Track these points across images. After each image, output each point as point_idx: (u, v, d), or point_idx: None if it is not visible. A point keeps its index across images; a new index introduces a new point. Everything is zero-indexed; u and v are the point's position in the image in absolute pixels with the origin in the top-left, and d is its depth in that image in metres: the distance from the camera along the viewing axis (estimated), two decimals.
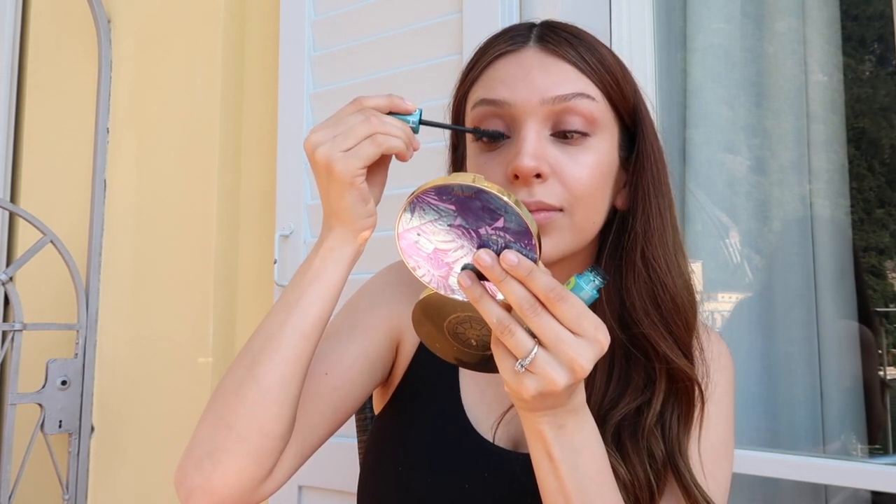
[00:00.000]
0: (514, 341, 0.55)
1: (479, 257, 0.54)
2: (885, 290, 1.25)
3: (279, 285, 1.44)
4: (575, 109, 0.69)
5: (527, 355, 0.55)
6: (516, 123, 0.70)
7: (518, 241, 0.55)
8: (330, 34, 1.45)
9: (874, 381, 1.19)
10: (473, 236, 0.56)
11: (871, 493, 1.15)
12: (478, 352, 0.64)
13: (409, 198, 0.56)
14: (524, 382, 0.55)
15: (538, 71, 0.70)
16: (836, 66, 1.22)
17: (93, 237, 1.74)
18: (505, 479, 0.73)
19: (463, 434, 0.75)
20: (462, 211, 0.55)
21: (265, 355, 0.66)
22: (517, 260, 0.54)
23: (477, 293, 0.56)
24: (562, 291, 0.54)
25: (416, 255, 0.58)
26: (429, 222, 0.57)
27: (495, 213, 0.54)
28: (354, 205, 0.66)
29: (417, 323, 0.64)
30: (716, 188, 1.27)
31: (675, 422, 0.71)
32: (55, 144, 1.92)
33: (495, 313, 0.55)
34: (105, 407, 1.69)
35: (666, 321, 0.71)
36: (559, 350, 0.54)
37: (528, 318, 0.54)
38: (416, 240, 0.58)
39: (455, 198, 0.55)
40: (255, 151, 1.60)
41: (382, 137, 0.65)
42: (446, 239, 0.57)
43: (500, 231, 0.55)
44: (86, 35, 1.84)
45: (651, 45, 1.26)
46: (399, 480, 0.75)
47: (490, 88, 0.71)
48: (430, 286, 0.59)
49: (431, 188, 0.55)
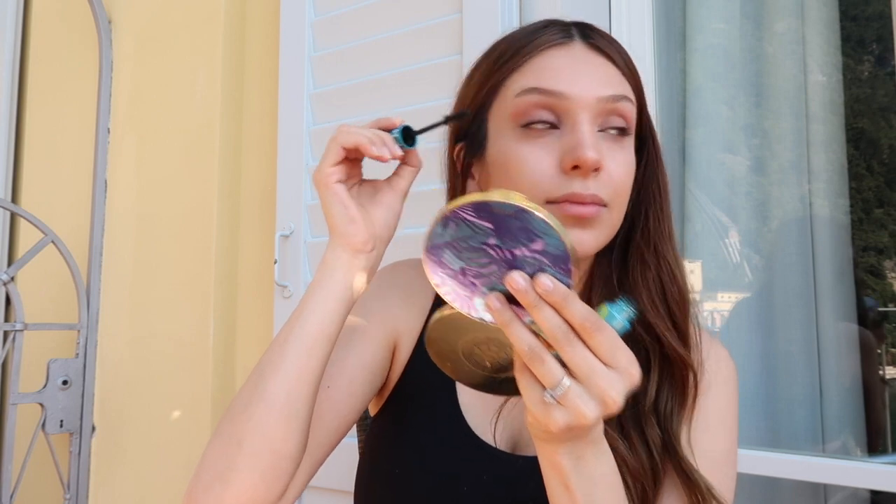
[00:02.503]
0: (545, 371, 0.52)
1: (512, 279, 0.52)
2: (885, 290, 1.25)
3: (279, 285, 1.44)
4: (619, 110, 0.71)
5: (557, 386, 0.52)
6: (570, 116, 0.69)
7: (554, 265, 0.52)
8: (330, 35, 1.45)
9: (873, 380, 1.19)
10: (507, 257, 0.53)
11: (871, 493, 1.16)
12: (491, 374, 0.62)
13: (443, 211, 0.53)
14: (552, 415, 0.52)
15: (590, 68, 0.71)
16: (836, 66, 1.22)
17: (93, 237, 1.74)
18: (503, 482, 0.73)
19: (460, 436, 0.75)
20: (499, 230, 0.52)
21: (269, 372, 0.66)
22: (553, 285, 0.51)
23: (507, 317, 0.53)
24: (598, 321, 0.52)
25: (442, 272, 0.56)
26: (461, 238, 0.53)
27: (535, 234, 0.51)
28: (333, 207, 0.67)
29: (431, 341, 0.62)
30: (715, 188, 1.27)
31: (671, 409, 0.72)
32: (56, 144, 1.93)
33: (526, 340, 0.52)
34: (106, 407, 1.69)
35: (671, 312, 0.74)
36: (591, 382, 0.52)
37: (561, 348, 0.52)
38: (445, 256, 0.55)
39: (494, 215, 0.52)
40: (255, 151, 1.61)
41: (343, 135, 0.66)
42: (477, 257, 0.54)
43: (536, 253, 0.52)
44: (86, 35, 1.84)
45: (651, 46, 1.26)
46: (396, 483, 0.75)
47: (541, 78, 0.70)
48: (454, 305, 0.57)
49: (469, 203, 0.52)
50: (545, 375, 0.52)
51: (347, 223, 0.67)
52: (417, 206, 1.26)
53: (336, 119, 1.42)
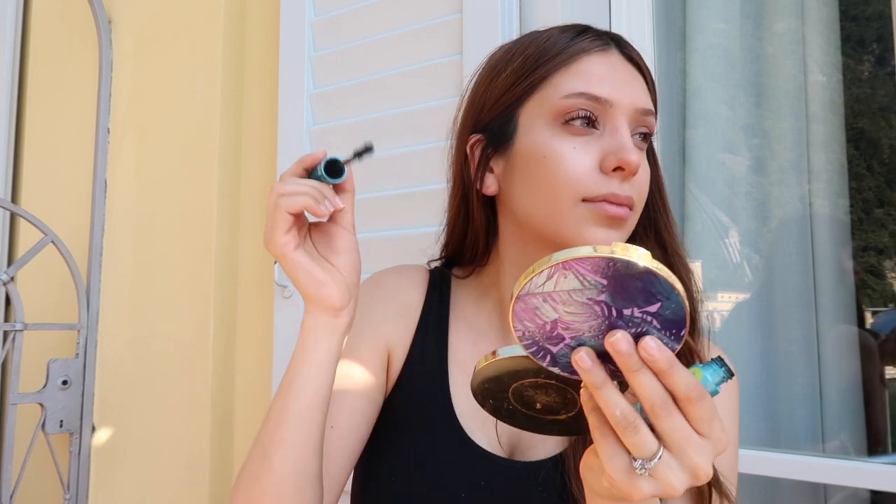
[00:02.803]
0: (639, 440, 0.48)
1: (616, 342, 0.48)
2: (885, 290, 1.25)
3: (279, 285, 1.44)
4: (646, 122, 0.74)
5: (651, 458, 0.48)
6: (612, 121, 0.71)
7: (664, 329, 0.49)
8: (330, 35, 1.45)
9: (873, 380, 1.19)
10: (612, 315, 0.49)
11: (871, 493, 1.16)
12: (537, 415, 0.59)
13: (552, 263, 0.48)
14: (639, 485, 0.49)
15: (629, 77, 0.74)
16: (836, 66, 1.22)
17: (93, 237, 1.74)
18: (502, 488, 0.73)
19: (457, 442, 0.75)
20: (614, 288, 0.48)
21: (274, 447, 0.67)
22: (659, 351, 0.48)
23: (599, 378, 0.49)
24: (702, 391, 0.49)
25: (528, 320, 0.51)
26: (564, 291, 0.49)
27: (654, 297, 0.48)
28: (298, 276, 0.67)
29: (482, 378, 0.58)
30: (715, 188, 1.27)
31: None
32: (56, 144, 1.92)
33: (620, 406, 0.49)
34: (106, 407, 1.69)
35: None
36: (685, 454, 0.49)
37: (659, 418, 0.48)
38: (539, 306, 0.50)
39: (614, 273, 0.47)
40: (256, 151, 1.61)
41: (284, 199, 0.65)
42: (577, 311, 0.49)
43: (648, 315, 0.48)
44: (86, 35, 1.84)
45: (651, 46, 1.26)
46: (394, 491, 0.75)
47: (589, 83, 0.71)
48: (529, 352, 0.53)
49: (588, 259, 0.47)
50: (637, 445, 0.49)
51: (318, 288, 0.67)
52: (416, 206, 1.26)
53: (336, 119, 1.42)
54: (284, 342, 1.42)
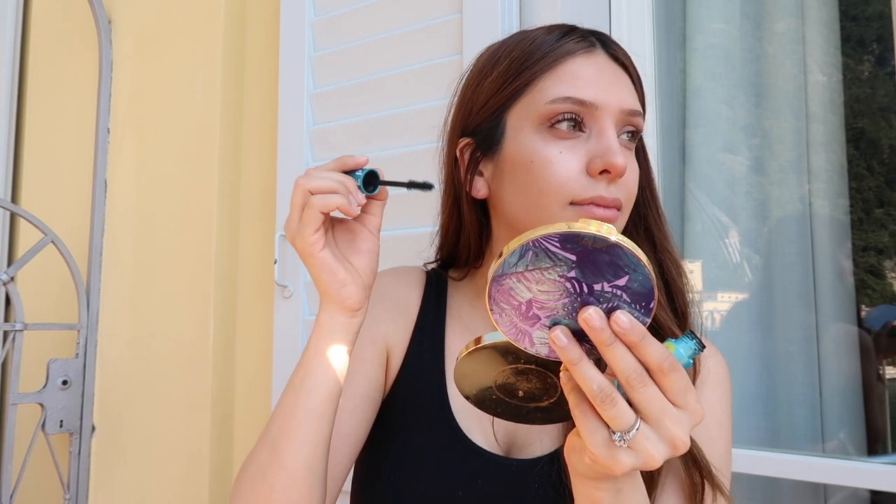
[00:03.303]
0: (616, 412, 0.50)
1: (588, 317, 0.49)
2: (885, 290, 1.25)
3: (279, 285, 1.44)
4: (634, 123, 0.73)
5: (629, 429, 0.50)
6: (598, 123, 0.71)
7: (633, 302, 0.50)
8: (330, 35, 1.45)
9: (873, 379, 1.19)
10: (583, 291, 0.50)
11: (870, 493, 1.16)
12: (520, 402, 0.60)
13: (522, 240, 0.50)
14: (619, 458, 0.50)
15: (614, 79, 0.73)
16: (836, 66, 1.23)
17: (93, 237, 1.74)
18: (499, 486, 0.73)
19: (454, 441, 0.75)
20: (583, 263, 0.49)
21: (285, 441, 0.66)
22: (630, 323, 0.49)
23: (574, 355, 0.50)
24: (674, 362, 0.50)
25: (504, 303, 0.52)
26: (536, 270, 0.50)
27: (622, 270, 0.49)
28: (321, 275, 0.67)
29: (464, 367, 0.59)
30: (715, 188, 1.27)
31: None
32: (56, 144, 1.93)
33: (596, 380, 0.50)
34: (106, 407, 1.69)
35: (674, 303, 0.76)
36: (661, 424, 0.50)
37: (634, 389, 0.50)
38: (513, 286, 0.51)
39: (581, 248, 0.49)
40: (255, 151, 1.61)
41: (317, 199, 0.66)
42: (550, 289, 0.51)
43: (617, 289, 0.50)
44: (86, 35, 1.84)
45: (651, 46, 1.26)
46: (391, 490, 0.75)
47: (574, 86, 0.71)
48: (507, 335, 0.54)
49: (555, 234, 0.49)
50: (616, 418, 0.50)
51: (339, 288, 0.68)
52: (416, 206, 1.26)
53: (336, 119, 1.42)
54: (284, 342, 1.42)
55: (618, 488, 0.56)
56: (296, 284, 1.42)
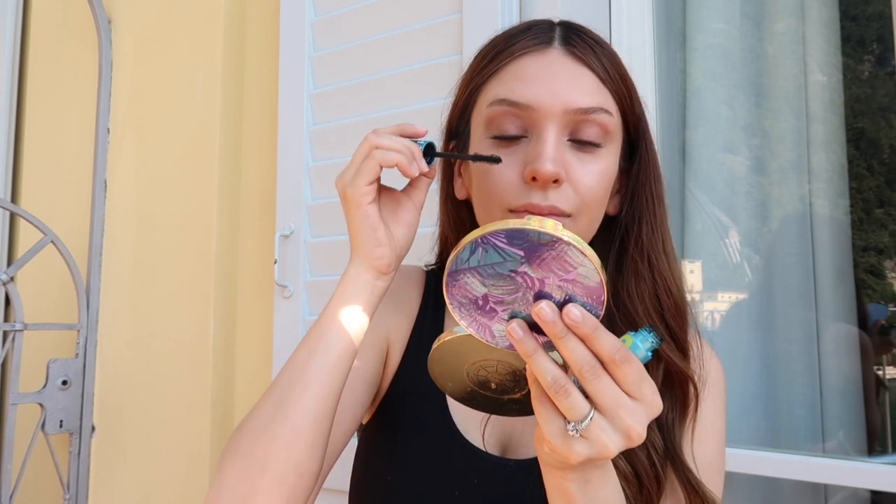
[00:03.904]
0: (570, 403, 0.51)
1: (540, 310, 0.51)
2: (885, 290, 1.25)
3: (279, 285, 1.44)
4: (594, 121, 0.69)
5: (582, 419, 0.51)
6: (536, 127, 0.69)
7: (585, 296, 0.51)
8: (330, 35, 1.45)
9: (873, 380, 1.19)
10: (535, 285, 0.52)
11: (871, 493, 1.16)
12: (494, 395, 0.62)
13: (472, 237, 0.52)
14: (574, 447, 0.51)
15: (563, 77, 0.69)
16: (836, 66, 1.22)
17: (93, 237, 1.74)
18: (495, 486, 0.73)
19: (450, 441, 0.75)
20: (531, 258, 0.51)
21: (294, 394, 0.64)
22: (582, 316, 0.50)
23: (530, 347, 0.52)
24: (627, 353, 0.51)
25: (461, 297, 0.54)
26: (488, 265, 0.52)
27: (569, 265, 0.50)
28: (362, 228, 0.67)
29: (436, 361, 0.60)
30: (715, 188, 1.27)
31: (672, 421, 0.72)
32: (56, 144, 1.92)
33: (551, 372, 0.51)
34: (106, 407, 1.69)
35: (668, 324, 0.73)
36: (616, 415, 0.51)
37: (587, 381, 0.51)
38: (468, 282, 0.53)
39: (528, 244, 0.50)
40: (255, 151, 1.61)
41: (379, 152, 0.66)
42: (503, 284, 0.52)
43: (567, 283, 0.51)
44: (86, 35, 1.84)
45: (651, 45, 1.26)
46: (389, 489, 0.75)
47: (511, 89, 0.69)
48: (469, 329, 0.55)
49: (502, 230, 0.50)
50: (570, 409, 0.51)
51: (375, 246, 0.67)
52: None
53: (336, 119, 1.42)
54: (284, 342, 1.42)
55: (585, 479, 0.57)
56: (296, 284, 1.42)
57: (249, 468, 0.62)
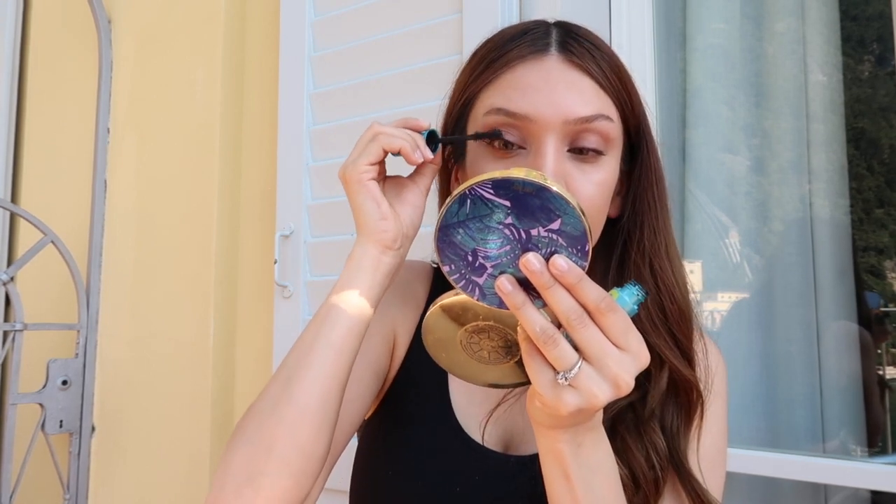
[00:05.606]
0: (558, 353, 0.52)
1: (527, 261, 0.52)
2: (885, 290, 1.25)
3: (279, 285, 1.44)
4: (594, 129, 0.68)
5: (570, 368, 0.52)
6: (535, 138, 0.67)
7: (570, 246, 0.52)
8: (330, 35, 1.45)
9: (873, 380, 1.19)
10: (521, 237, 0.53)
11: (871, 493, 1.16)
12: (489, 365, 0.62)
13: (460, 189, 0.53)
14: (564, 397, 0.53)
15: (562, 87, 0.68)
16: (836, 66, 1.22)
17: (93, 237, 1.74)
18: (496, 482, 0.73)
19: (452, 436, 0.75)
20: (517, 208, 0.52)
21: (300, 373, 0.64)
22: (567, 266, 0.51)
23: (519, 299, 0.53)
24: (612, 303, 0.52)
25: (451, 253, 0.55)
26: (476, 217, 0.53)
27: (553, 213, 0.52)
28: (364, 203, 0.67)
29: (429, 329, 0.61)
30: (715, 188, 1.27)
31: (677, 427, 0.72)
32: (56, 144, 1.92)
33: (539, 322, 0.52)
34: (106, 407, 1.69)
35: (672, 331, 0.73)
36: (603, 364, 0.52)
37: (574, 330, 0.52)
38: (458, 236, 0.54)
39: (513, 193, 0.52)
40: (255, 151, 1.61)
41: (384, 136, 0.66)
42: (491, 238, 0.53)
43: (553, 234, 0.52)
44: (86, 35, 1.84)
45: (651, 45, 1.26)
46: (389, 485, 0.75)
47: (508, 98, 0.68)
48: (459, 287, 0.56)
49: (488, 180, 0.52)
50: (558, 358, 0.52)
51: (378, 220, 0.67)
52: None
53: (336, 119, 1.42)
54: (284, 342, 1.42)
55: (578, 442, 0.57)
56: (296, 284, 1.42)
57: (256, 450, 0.62)
